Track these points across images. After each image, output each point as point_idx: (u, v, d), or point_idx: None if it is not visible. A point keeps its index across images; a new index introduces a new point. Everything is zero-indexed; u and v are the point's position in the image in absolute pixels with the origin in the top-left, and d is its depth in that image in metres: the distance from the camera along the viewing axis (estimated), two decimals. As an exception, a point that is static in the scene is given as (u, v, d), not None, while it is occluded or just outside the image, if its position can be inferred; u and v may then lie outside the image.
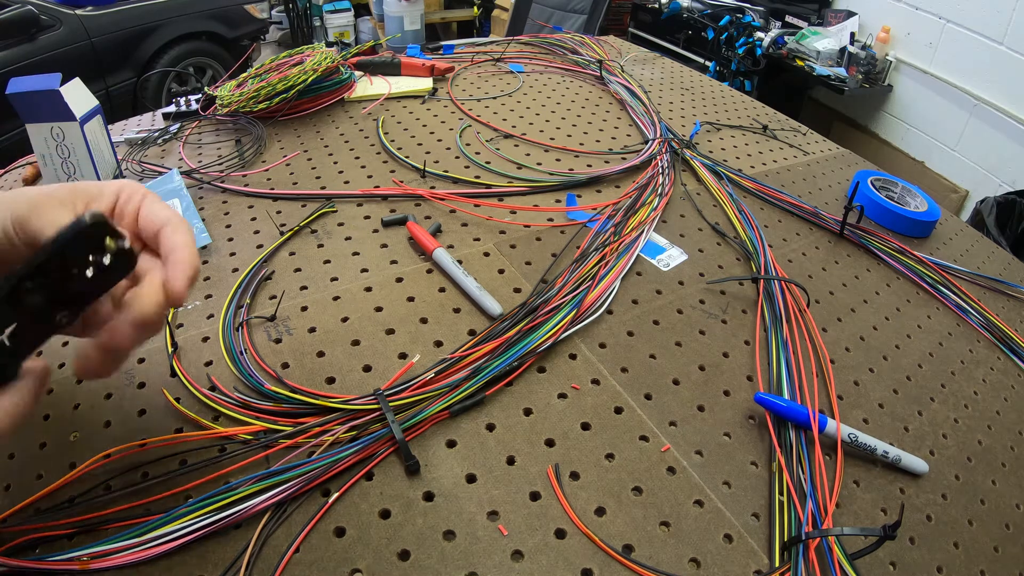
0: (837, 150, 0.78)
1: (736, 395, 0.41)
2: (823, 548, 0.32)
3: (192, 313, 0.44)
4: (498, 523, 0.32)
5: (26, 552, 0.30)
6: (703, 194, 0.63)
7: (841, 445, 0.38)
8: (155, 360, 0.40)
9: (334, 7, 3.44)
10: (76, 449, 0.35)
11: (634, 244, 0.52)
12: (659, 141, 0.68)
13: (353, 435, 0.35)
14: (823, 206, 0.63)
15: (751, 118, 0.82)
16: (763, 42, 2.37)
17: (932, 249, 0.61)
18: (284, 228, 0.51)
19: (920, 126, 2.27)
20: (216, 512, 0.30)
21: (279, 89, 0.67)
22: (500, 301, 0.44)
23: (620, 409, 0.39)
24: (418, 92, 0.77)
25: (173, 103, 0.73)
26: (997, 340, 0.51)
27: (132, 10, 2.39)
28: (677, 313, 0.47)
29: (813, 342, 0.46)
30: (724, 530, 0.33)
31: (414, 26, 3.19)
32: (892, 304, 0.53)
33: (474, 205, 0.56)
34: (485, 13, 3.43)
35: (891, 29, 2.26)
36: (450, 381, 0.38)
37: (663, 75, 0.94)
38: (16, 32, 2.01)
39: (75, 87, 0.57)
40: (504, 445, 0.36)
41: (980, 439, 0.42)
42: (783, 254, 0.56)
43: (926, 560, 0.34)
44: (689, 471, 0.36)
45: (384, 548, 0.31)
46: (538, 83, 0.84)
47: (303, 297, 0.45)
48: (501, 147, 0.67)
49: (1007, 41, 1.91)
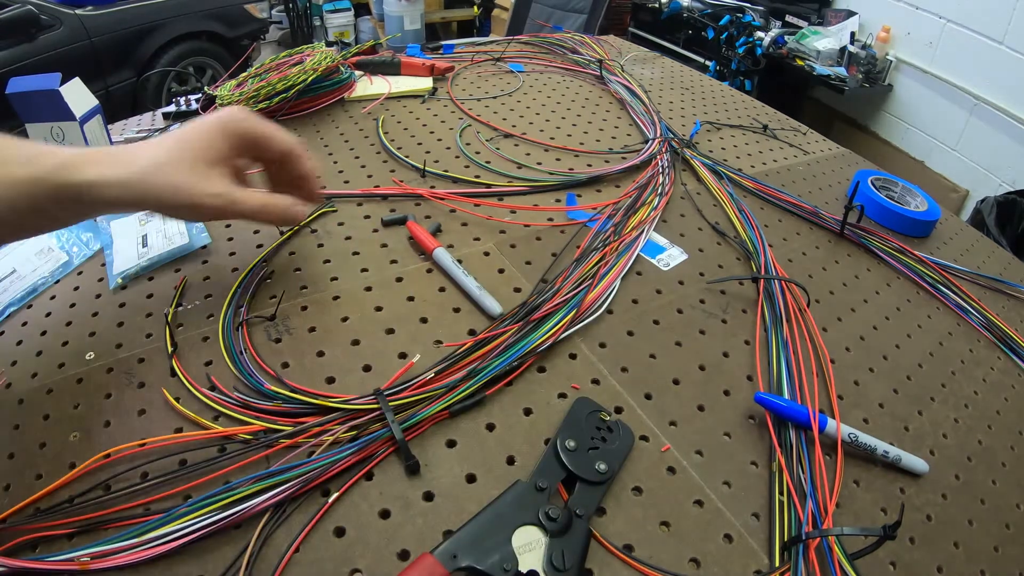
0: (837, 150, 0.78)
1: (736, 395, 0.41)
2: (823, 548, 0.32)
3: (192, 313, 0.44)
4: (498, 523, 0.32)
5: (26, 552, 0.30)
6: (703, 194, 0.63)
7: (841, 445, 0.38)
8: (155, 360, 0.40)
9: (334, 7, 3.43)
10: (76, 449, 0.35)
11: (634, 244, 0.52)
12: (659, 141, 0.68)
13: (353, 435, 0.35)
14: (823, 206, 0.63)
15: (751, 118, 0.82)
16: (763, 42, 2.37)
17: (932, 249, 0.61)
18: (284, 228, 0.51)
19: (920, 126, 2.27)
20: (216, 512, 0.30)
21: (279, 89, 0.67)
22: (500, 301, 0.44)
23: (620, 409, 0.39)
24: (418, 92, 0.77)
25: (173, 103, 0.73)
26: (997, 340, 0.51)
27: (132, 10, 2.39)
28: (677, 313, 0.47)
29: (813, 342, 0.46)
30: (724, 530, 0.33)
31: (414, 26, 3.19)
32: (892, 304, 0.53)
33: (474, 205, 0.56)
34: (485, 13, 3.43)
35: (891, 29, 2.26)
36: (450, 381, 0.38)
37: (663, 75, 0.94)
38: (16, 32, 2.01)
39: (75, 87, 0.57)
40: (504, 445, 0.36)
41: (980, 439, 0.42)
42: (783, 254, 0.56)
43: (926, 560, 0.34)
44: (689, 471, 0.36)
45: (384, 548, 0.31)
46: (538, 83, 0.84)
47: (303, 297, 0.45)
48: (501, 147, 0.67)
49: (1007, 41, 1.91)
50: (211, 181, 0.38)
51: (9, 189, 0.35)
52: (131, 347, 0.41)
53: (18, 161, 0.35)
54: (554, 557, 0.29)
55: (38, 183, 0.35)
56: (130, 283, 0.47)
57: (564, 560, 0.29)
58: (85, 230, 0.52)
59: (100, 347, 0.41)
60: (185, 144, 0.38)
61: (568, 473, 0.33)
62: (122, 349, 0.41)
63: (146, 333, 0.42)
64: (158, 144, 0.38)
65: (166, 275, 0.47)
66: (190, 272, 0.47)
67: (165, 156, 0.37)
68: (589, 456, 0.34)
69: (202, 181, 0.38)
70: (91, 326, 0.43)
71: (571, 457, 0.33)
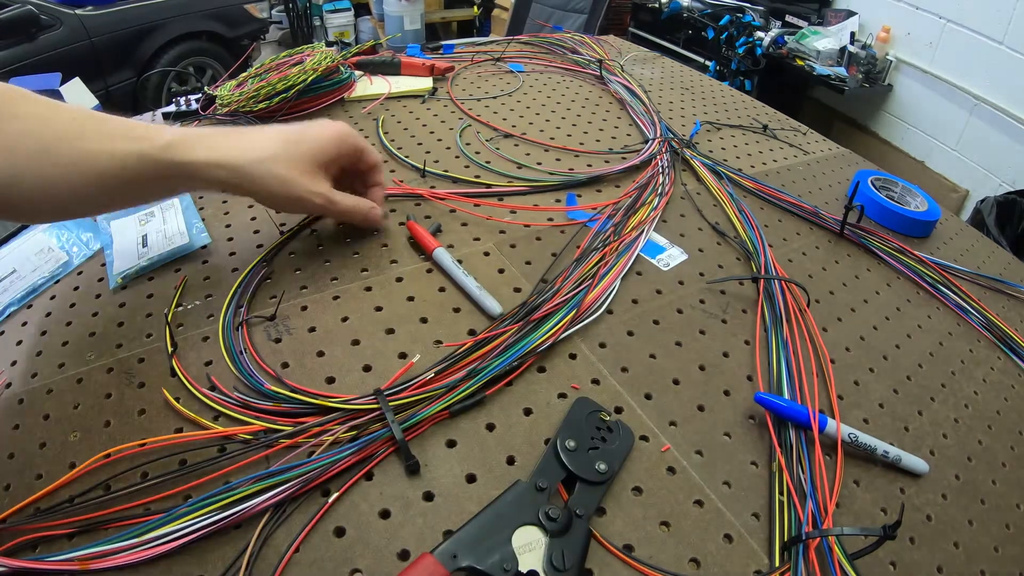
0: (837, 150, 0.78)
1: (736, 395, 0.41)
2: (823, 548, 0.32)
3: (192, 313, 0.44)
4: (498, 523, 0.32)
5: (26, 552, 0.30)
6: (703, 194, 0.63)
7: (841, 445, 0.38)
8: (155, 360, 0.40)
9: (334, 7, 3.44)
10: (76, 449, 0.35)
11: (634, 244, 0.52)
12: (659, 141, 0.68)
13: (353, 435, 0.35)
14: (823, 206, 0.63)
15: (751, 118, 0.82)
16: (763, 42, 2.37)
17: (932, 249, 0.61)
18: (284, 228, 0.51)
19: (920, 126, 2.27)
20: (216, 512, 0.30)
21: (279, 89, 0.67)
22: (500, 301, 0.44)
23: (620, 409, 0.39)
24: (418, 92, 0.77)
25: (173, 103, 0.73)
26: (997, 340, 0.51)
27: (132, 10, 2.39)
28: (677, 313, 0.47)
29: (813, 342, 0.46)
30: (724, 530, 0.33)
31: (414, 26, 3.19)
32: (892, 304, 0.53)
33: (474, 205, 0.56)
34: (485, 13, 3.43)
35: (891, 29, 2.26)
36: (450, 381, 0.38)
37: (663, 75, 0.94)
38: (16, 32, 2.01)
39: (75, 87, 0.57)
40: (504, 445, 0.36)
41: (980, 439, 0.42)
42: (783, 254, 0.56)
43: (926, 560, 0.34)
44: (689, 471, 0.36)
45: (384, 548, 0.31)
46: (538, 83, 0.84)
47: (303, 297, 0.45)
48: (501, 147, 0.67)
49: (1007, 41, 1.91)
50: (316, 181, 0.44)
51: (114, 161, 0.38)
52: (131, 347, 0.41)
53: (128, 136, 0.39)
54: (554, 557, 0.29)
55: (145, 158, 0.39)
56: (130, 283, 0.47)
57: (564, 560, 0.29)
58: (85, 230, 0.52)
59: (100, 347, 0.41)
60: (301, 144, 0.44)
61: (568, 473, 0.33)
62: (122, 349, 0.41)
63: (146, 333, 0.42)
64: (270, 137, 0.43)
65: (166, 275, 0.47)
66: (190, 272, 0.47)
67: (280, 150, 0.43)
68: (589, 456, 0.34)
69: (309, 180, 0.44)
70: (91, 326, 0.43)
71: (571, 457, 0.33)
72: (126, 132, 0.39)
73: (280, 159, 0.42)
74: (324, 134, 0.46)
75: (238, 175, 0.41)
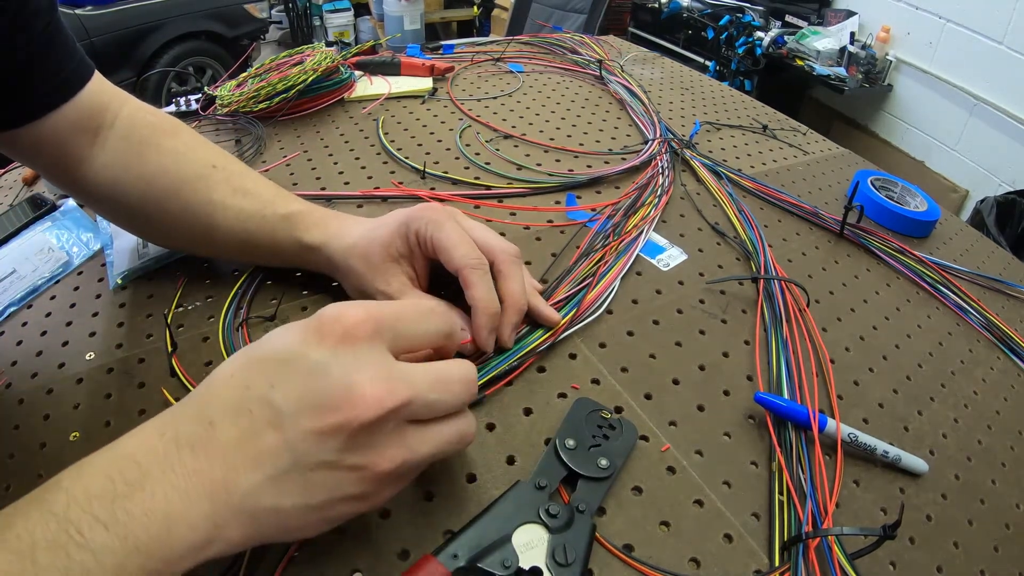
0: (837, 150, 0.78)
1: (736, 395, 0.41)
2: (823, 548, 0.32)
3: (192, 313, 0.44)
4: (498, 523, 0.32)
5: (26, 552, 0.30)
6: (703, 194, 0.63)
7: (841, 445, 0.38)
8: (155, 360, 0.40)
9: (334, 7, 3.44)
10: (76, 449, 0.35)
11: (634, 244, 0.52)
12: (659, 141, 0.68)
13: (353, 435, 0.34)
14: (823, 206, 0.63)
15: (751, 118, 0.82)
16: (763, 42, 2.37)
17: (932, 249, 0.61)
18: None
19: (920, 126, 2.27)
20: (216, 512, 0.30)
21: (279, 89, 0.67)
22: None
23: (620, 408, 0.39)
24: (418, 92, 0.77)
25: (173, 103, 0.73)
26: (997, 340, 0.51)
27: (132, 10, 2.39)
28: (677, 313, 0.47)
29: (813, 342, 0.46)
30: (724, 530, 0.33)
31: (414, 26, 3.19)
32: (892, 304, 0.53)
33: (474, 206, 0.56)
34: (485, 13, 3.43)
35: (891, 29, 2.26)
36: (450, 381, 0.37)
37: (663, 75, 0.94)
38: (16, 32, 2.00)
39: (75, 87, 0.57)
40: (504, 445, 0.36)
41: (980, 439, 0.42)
42: (783, 254, 0.56)
43: (926, 560, 0.34)
44: (689, 471, 0.36)
45: (384, 548, 0.31)
46: (538, 83, 0.84)
47: (303, 298, 0.45)
48: (501, 147, 0.67)
49: (1007, 41, 1.92)
50: (384, 277, 0.39)
51: (238, 218, 0.42)
52: (131, 347, 0.41)
53: (257, 196, 0.43)
54: (556, 552, 0.29)
55: (265, 221, 0.42)
56: (130, 283, 0.47)
57: (567, 555, 0.29)
58: (85, 230, 0.52)
59: (100, 347, 0.41)
60: (374, 233, 0.40)
61: (569, 472, 0.33)
62: (122, 349, 0.41)
63: (146, 333, 0.42)
64: (362, 225, 0.42)
65: (166, 275, 0.47)
66: (190, 272, 0.47)
67: (361, 240, 0.40)
68: (590, 453, 0.34)
69: (376, 275, 0.39)
70: (91, 326, 0.43)
71: (571, 456, 0.33)
72: (256, 190, 0.43)
73: (357, 249, 0.40)
74: (392, 220, 0.39)
75: (331, 265, 0.42)
